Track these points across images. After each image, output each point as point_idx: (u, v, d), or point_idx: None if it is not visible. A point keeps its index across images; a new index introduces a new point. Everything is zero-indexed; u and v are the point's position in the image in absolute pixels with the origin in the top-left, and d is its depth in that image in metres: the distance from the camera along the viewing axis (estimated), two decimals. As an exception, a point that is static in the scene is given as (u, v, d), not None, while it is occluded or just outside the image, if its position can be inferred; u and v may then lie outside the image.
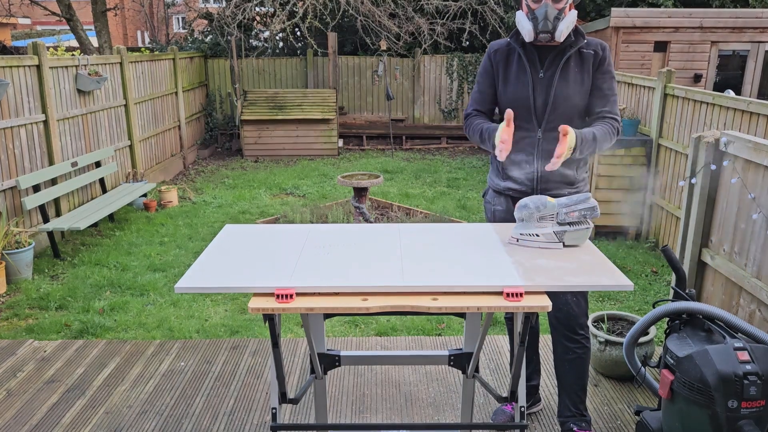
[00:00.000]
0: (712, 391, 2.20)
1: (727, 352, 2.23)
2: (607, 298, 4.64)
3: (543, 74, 2.43)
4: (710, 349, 2.25)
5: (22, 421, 2.90)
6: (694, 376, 2.26)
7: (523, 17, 2.38)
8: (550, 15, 2.31)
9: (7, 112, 5.29)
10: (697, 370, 2.25)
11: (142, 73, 8.29)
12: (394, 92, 11.64)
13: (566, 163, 2.39)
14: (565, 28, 2.34)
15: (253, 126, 10.42)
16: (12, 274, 4.88)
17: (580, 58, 2.43)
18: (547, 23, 2.32)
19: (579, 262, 1.93)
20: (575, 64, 2.43)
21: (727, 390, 2.14)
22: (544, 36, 2.34)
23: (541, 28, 2.33)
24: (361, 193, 6.25)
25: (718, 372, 2.19)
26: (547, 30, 2.33)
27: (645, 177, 5.82)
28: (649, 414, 2.64)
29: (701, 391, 2.24)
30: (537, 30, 2.34)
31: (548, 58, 2.43)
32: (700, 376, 2.24)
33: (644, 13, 9.15)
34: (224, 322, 4.19)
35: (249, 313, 1.71)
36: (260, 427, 2.87)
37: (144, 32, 25.27)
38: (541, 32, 2.34)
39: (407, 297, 1.72)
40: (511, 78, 2.48)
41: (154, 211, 7.06)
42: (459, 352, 2.34)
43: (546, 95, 2.43)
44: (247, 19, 11.18)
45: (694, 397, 2.27)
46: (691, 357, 2.28)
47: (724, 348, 2.25)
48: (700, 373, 2.24)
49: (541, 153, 2.46)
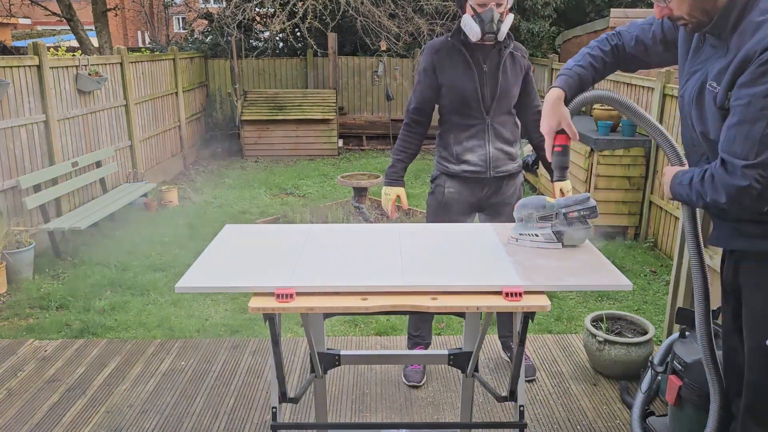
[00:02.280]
0: None
1: None
2: (606, 297, 4.65)
3: (487, 69, 2.81)
4: (719, 354, 2.23)
5: (22, 421, 2.91)
6: (704, 381, 2.23)
7: (470, 19, 2.69)
8: (495, 18, 2.66)
9: (8, 112, 5.30)
10: (705, 376, 2.22)
11: (143, 74, 8.30)
12: (394, 92, 11.64)
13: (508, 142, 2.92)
14: (506, 29, 2.72)
15: (253, 126, 10.42)
16: (13, 274, 4.89)
17: (512, 58, 2.87)
18: (492, 25, 2.67)
19: (578, 261, 1.94)
20: (510, 62, 2.85)
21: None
22: (489, 36, 2.70)
23: (487, 29, 2.68)
24: (361, 193, 6.26)
25: None
26: (492, 31, 2.68)
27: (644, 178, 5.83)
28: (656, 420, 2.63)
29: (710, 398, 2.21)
30: (484, 31, 2.67)
31: (489, 55, 2.81)
32: None
33: (643, 14, 9.16)
34: (224, 322, 4.20)
35: (249, 312, 1.72)
36: (260, 426, 2.88)
37: (144, 32, 25.26)
38: (487, 33, 2.68)
39: (407, 296, 1.73)
40: (458, 73, 2.81)
41: (155, 211, 7.07)
42: (458, 351, 2.35)
43: (493, 87, 2.82)
44: (247, 19, 11.18)
45: (702, 403, 2.23)
46: (701, 363, 2.26)
47: None
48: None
49: (490, 137, 2.88)
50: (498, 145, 2.90)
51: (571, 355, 3.49)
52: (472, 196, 2.97)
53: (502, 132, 2.90)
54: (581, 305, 4.50)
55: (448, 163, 2.95)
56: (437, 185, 3.01)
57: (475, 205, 3.01)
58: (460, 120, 2.88)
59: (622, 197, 5.93)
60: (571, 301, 4.56)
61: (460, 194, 2.95)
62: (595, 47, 2.06)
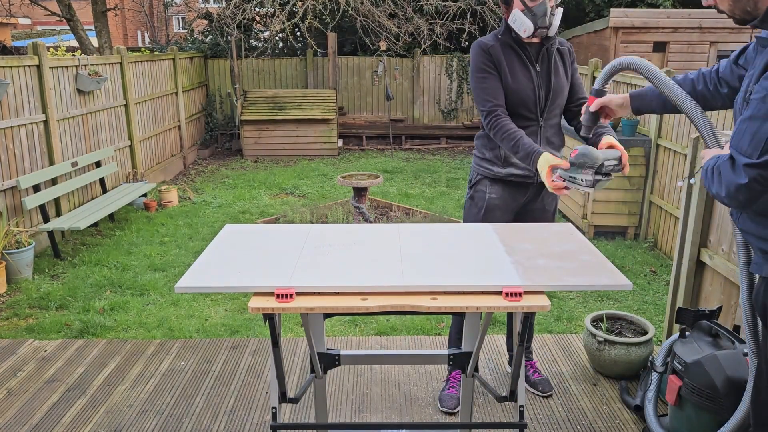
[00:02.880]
0: (722, 397, 2.17)
1: (736, 358, 2.20)
2: (606, 297, 4.65)
3: (540, 69, 2.65)
4: (719, 354, 2.22)
5: (22, 421, 2.91)
6: (704, 382, 2.22)
7: (521, 14, 2.51)
8: (548, 12, 2.50)
9: (8, 112, 5.30)
10: (706, 376, 2.21)
11: (142, 74, 8.30)
12: (394, 92, 11.65)
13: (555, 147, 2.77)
14: (557, 23, 2.55)
15: (253, 126, 10.42)
16: (12, 274, 4.89)
17: (559, 53, 2.71)
18: (545, 19, 2.50)
19: (578, 261, 1.94)
20: (558, 59, 2.69)
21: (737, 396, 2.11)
22: (541, 31, 2.52)
23: (540, 23, 2.50)
24: (360, 193, 6.26)
25: (727, 378, 2.16)
26: (545, 26, 2.51)
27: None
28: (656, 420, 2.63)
29: (710, 398, 2.20)
30: (536, 25, 2.49)
31: (539, 54, 2.65)
32: (709, 382, 2.21)
33: (643, 14, 9.16)
34: (224, 322, 4.20)
35: (249, 312, 1.72)
36: (260, 426, 2.88)
37: (144, 32, 25.28)
38: (539, 28, 2.51)
39: (407, 296, 1.73)
40: (515, 73, 2.63)
41: (155, 211, 7.07)
42: (458, 351, 2.35)
43: (546, 88, 2.66)
44: (247, 19, 11.18)
45: (703, 403, 2.23)
46: (700, 363, 2.25)
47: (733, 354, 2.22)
48: (709, 379, 2.21)
49: (542, 140, 2.72)
50: (547, 149, 2.66)
51: (571, 355, 3.49)
52: (514, 202, 2.81)
53: (551, 136, 2.75)
54: (581, 305, 4.50)
55: (492, 166, 2.76)
56: (477, 190, 2.82)
57: (515, 211, 2.85)
58: (513, 121, 2.63)
59: (622, 197, 5.93)
60: (571, 301, 4.56)
61: (503, 200, 2.78)
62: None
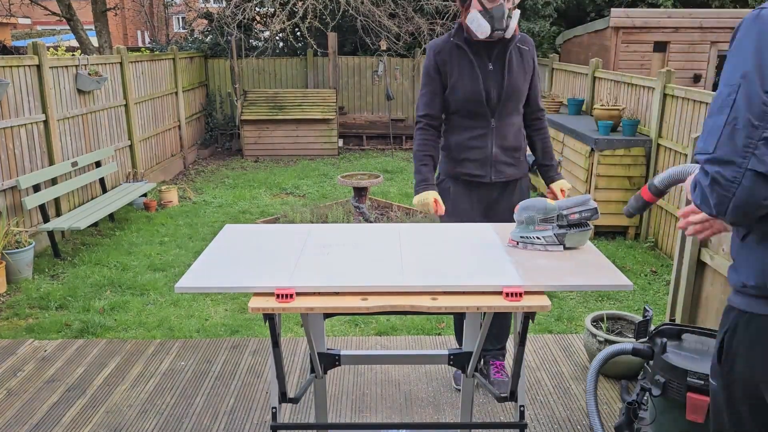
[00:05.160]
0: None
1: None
2: (607, 297, 4.65)
3: (492, 66, 2.70)
4: None
5: (22, 421, 2.91)
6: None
7: (478, 16, 2.58)
8: (505, 14, 2.58)
9: (7, 111, 5.30)
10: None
11: (142, 73, 8.30)
12: (394, 92, 11.64)
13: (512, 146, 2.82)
14: (514, 24, 2.63)
15: (253, 126, 10.42)
16: (12, 274, 4.89)
17: (519, 51, 2.75)
18: (503, 21, 2.58)
19: (579, 262, 1.94)
20: (516, 57, 2.74)
21: None
22: (498, 33, 2.60)
23: (497, 26, 2.58)
24: (361, 192, 6.26)
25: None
26: (502, 28, 2.59)
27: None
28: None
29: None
30: (494, 27, 2.58)
31: (494, 52, 2.71)
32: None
33: (644, 14, 9.16)
34: (224, 322, 4.20)
35: (249, 312, 1.72)
36: (260, 426, 2.87)
37: (144, 32, 25.27)
38: (496, 29, 2.59)
39: (407, 297, 1.73)
40: (463, 74, 2.71)
41: (154, 211, 7.07)
42: (459, 351, 2.35)
43: (499, 86, 2.71)
44: (247, 19, 11.18)
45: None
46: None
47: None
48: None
49: (494, 140, 2.78)
50: (501, 150, 2.79)
51: (572, 355, 3.49)
52: (479, 202, 2.86)
53: (506, 136, 2.78)
54: (581, 305, 4.49)
55: (449, 165, 2.86)
56: (443, 189, 2.89)
57: (483, 211, 2.88)
58: (463, 121, 2.78)
59: (623, 197, 5.92)
60: (572, 301, 4.56)
61: (467, 196, 2.85)
62: None
